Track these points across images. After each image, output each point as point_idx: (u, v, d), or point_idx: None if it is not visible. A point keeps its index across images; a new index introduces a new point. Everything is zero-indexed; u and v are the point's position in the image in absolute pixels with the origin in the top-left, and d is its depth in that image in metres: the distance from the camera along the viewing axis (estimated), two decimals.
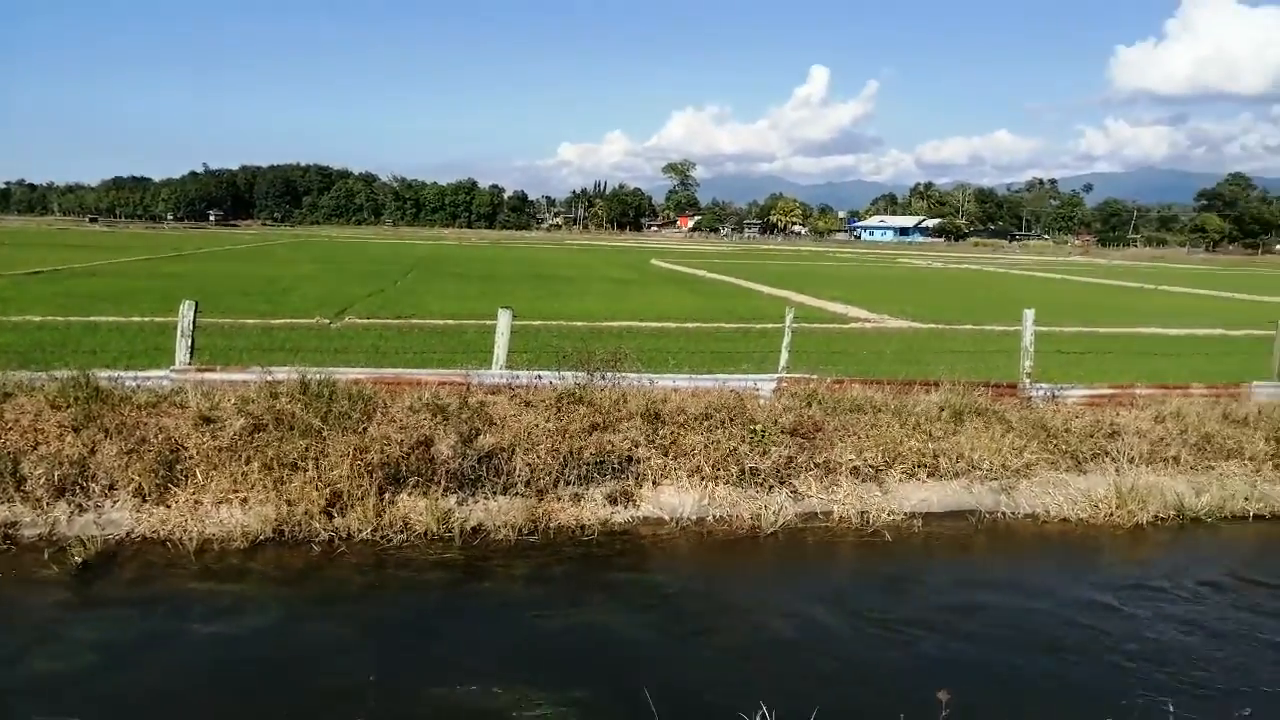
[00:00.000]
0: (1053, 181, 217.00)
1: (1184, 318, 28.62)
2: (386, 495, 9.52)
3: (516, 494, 9.75)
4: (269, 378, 10.60)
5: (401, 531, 9.25)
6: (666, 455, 10.28)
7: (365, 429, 9.93)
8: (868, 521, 10.02)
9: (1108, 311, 30.66)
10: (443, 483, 9.67)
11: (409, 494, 9.59)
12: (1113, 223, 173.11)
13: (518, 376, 11.44)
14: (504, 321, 12.16)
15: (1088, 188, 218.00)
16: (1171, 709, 5.59)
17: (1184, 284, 51.03)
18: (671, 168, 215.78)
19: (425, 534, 9.28)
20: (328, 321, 20.51)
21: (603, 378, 11.28)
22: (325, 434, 9.78)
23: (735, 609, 8.18)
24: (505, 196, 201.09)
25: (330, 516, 9.26)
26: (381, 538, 9.17)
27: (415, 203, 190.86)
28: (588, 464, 9.97)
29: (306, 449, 9.60)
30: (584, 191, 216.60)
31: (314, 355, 13.56)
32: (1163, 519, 10.44)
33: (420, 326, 20.10)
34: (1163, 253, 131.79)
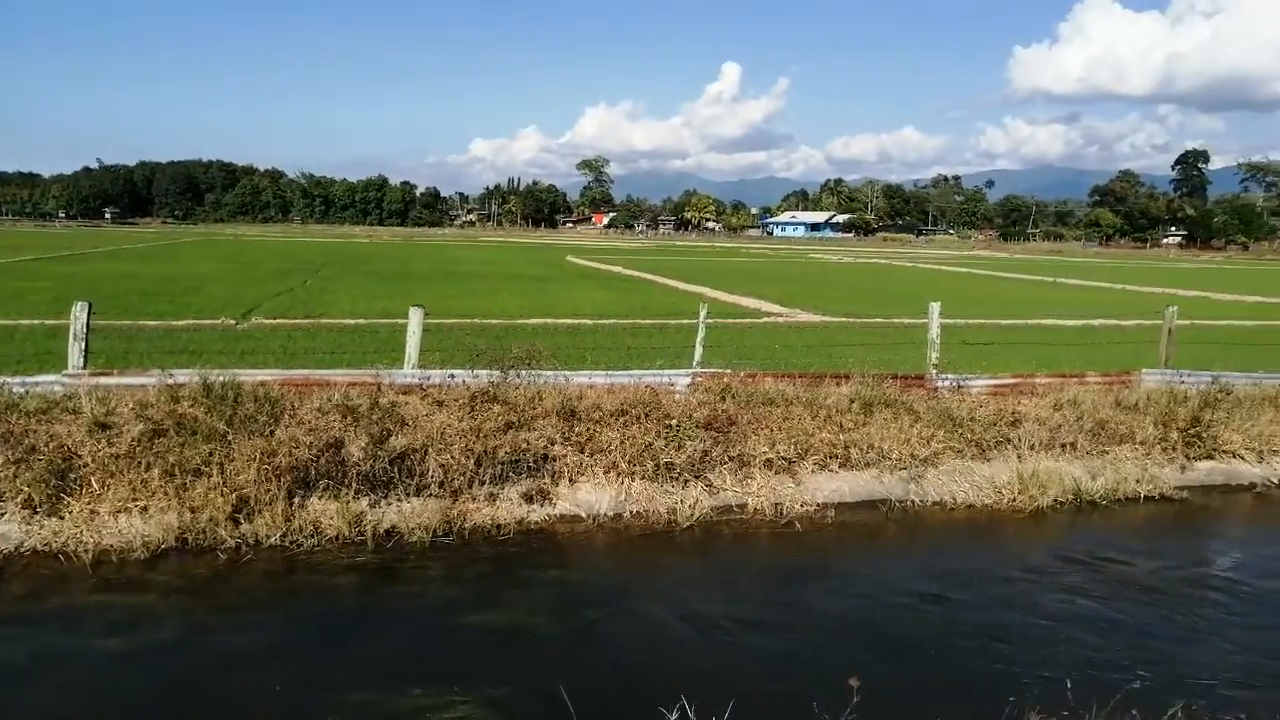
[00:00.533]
0: (957, 178, 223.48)
1: (1080, 309, 29.80)
2: (296, 499, 9.28)
3: (430, 495, 9.61)
4: (170, 381, 10.22)
5: (312, 536, 9.03)
6: (583, 452, 10.26)
7: (273, 432, 9.66)
8: (781, 513, 10.17)
9: (1010, 303, 31.72)
10: (354, 485, 9.47)
11: (319, 497, 9.37)
12: (1013, 218, 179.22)
13: (430, 376, 11.28)
14: (415, 320, 11.97)
15: (990, 184, 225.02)
16: (1069, 685, 5.81)
17: (1080, 276, 53.11)
18: (585, 164, 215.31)
19: (337, 538, 9.07)
20: (234, 322, 19.89)
21: (517, 376, 11.20)
22: (230, 438, 9.48)
23: (652, 603, 8.21)
24: (417, 193, 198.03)
25: (237, 523, 8.98)
26: (291, 543, 8.93)
27: (324, 200, 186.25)
28: (503, 463, 9.87)
29: (211, 454, 9.29)
30: (497, 188, 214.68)
31: (219, 357, 13.12)
32: (1061, 503, 10.85)
33: (330, 326, 19.65)
34: (1060, 246, 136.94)
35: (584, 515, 9.88)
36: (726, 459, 10.59)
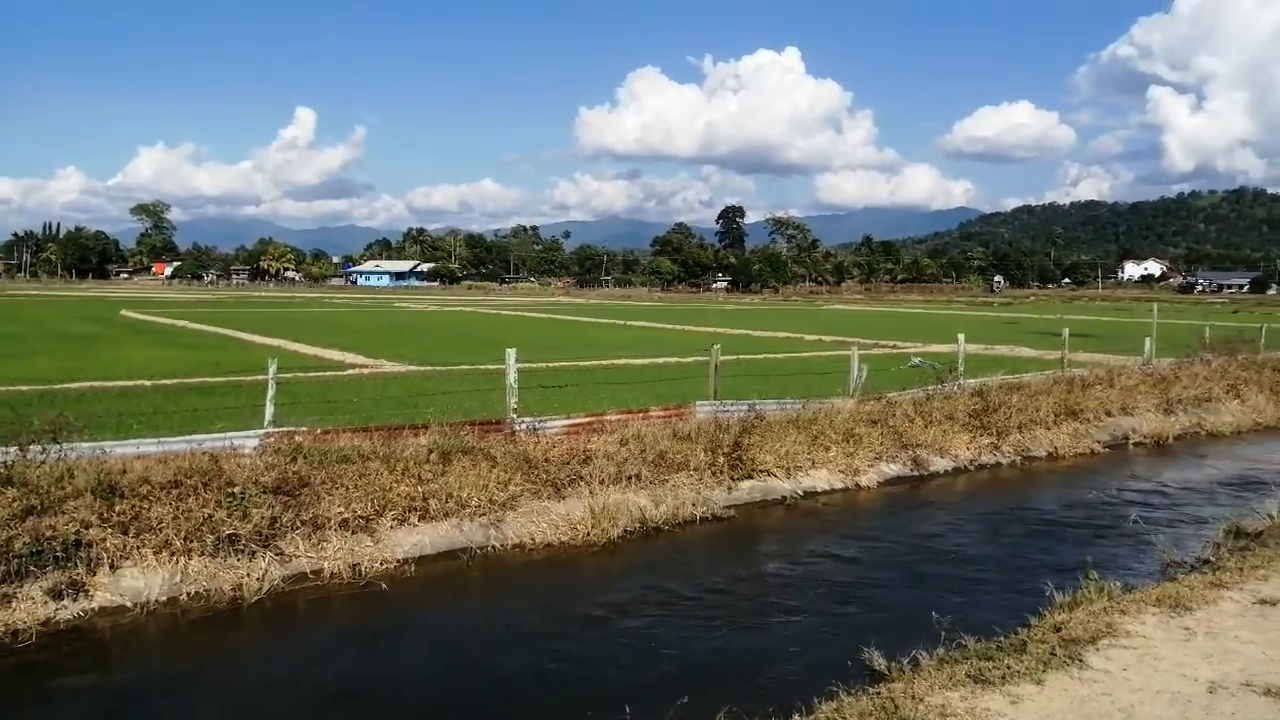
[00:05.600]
0: (535, 228, 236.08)
1: (648, 348, 32.44)
2: None
3: None
4: None
5: None
6: (127, 533, 9.05)
7: None
8: (360, 574, 9.74)
9: (587, 346, 33.73)
10: None
11: None
12: (588, 265, 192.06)
13: None
14: None
15: (566, 234, 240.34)
16: (628, 710, 6.19)
17: (647, 319, 58.03)
18: (142, 209, 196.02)
19: None
20: None
21: (42, 451, 9.66)
22: None
23: (211, 693, 7.44)
24: None
25: None
26: None
27: None
28: (21, 556, 8.39)
29: None
30: (30, 234, 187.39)
31: None
32: (631, 532, 11.56)
33: None
34: (629, 291, 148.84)
35: (130, 605, 8.70)
36: (299, 523, 9.96)
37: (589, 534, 11.28)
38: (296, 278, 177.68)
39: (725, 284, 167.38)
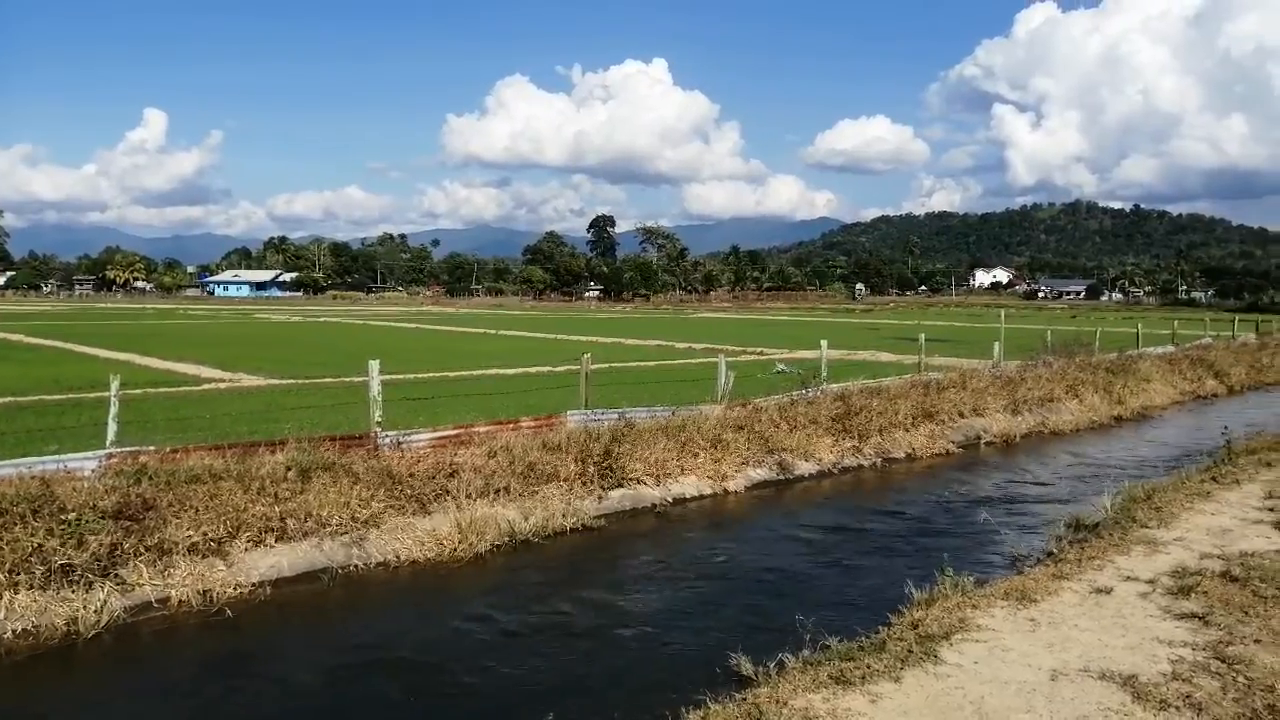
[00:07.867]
0: (403, 236, 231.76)
1: (520, 358, 32.14)
2: None
3: None
4: None
5: None
6: None
7: None
8: (212, 600, 9.23)
9: (456, 356, 33.15)
10: None
11: None
12: (458, 274, 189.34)
13: None
14: None
15: (435, 242, 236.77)
16: None
17: (519, 328, 57.57)
18: None
19: None
20: None
21: None
22: None
23: None
24: None
25: None
26: None
27: None
28: None
29: None
30: None
31: None
32: (499, 546, 11.36)
33: None
34: (500, 300, 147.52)
35: None
36: (143, 549, 9.36)
37: (456, 549, 11.03)
38: (147, 288, 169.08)
39: (597, 293, 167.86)
